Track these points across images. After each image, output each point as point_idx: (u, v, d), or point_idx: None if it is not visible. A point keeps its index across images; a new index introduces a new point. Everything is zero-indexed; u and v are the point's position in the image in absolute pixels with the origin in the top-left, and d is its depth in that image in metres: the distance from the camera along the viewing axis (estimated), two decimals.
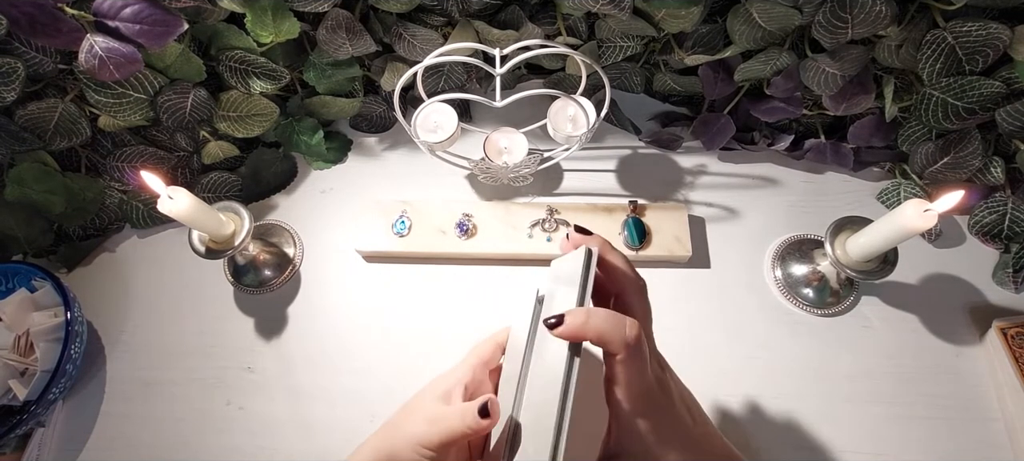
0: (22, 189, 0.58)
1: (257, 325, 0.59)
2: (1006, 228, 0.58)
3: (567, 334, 0.31)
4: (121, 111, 0.55)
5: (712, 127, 0.64)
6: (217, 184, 0.65)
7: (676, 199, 0.63)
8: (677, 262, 0.60)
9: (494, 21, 0.58)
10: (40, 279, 0.56)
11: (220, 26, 0.56)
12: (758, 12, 0.52)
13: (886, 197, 0.62)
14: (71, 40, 0.48)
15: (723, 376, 0.54)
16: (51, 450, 0.54)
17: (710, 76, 0.60)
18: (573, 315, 0.31)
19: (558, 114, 0.57)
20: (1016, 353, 0.51)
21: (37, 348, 0.54)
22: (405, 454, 0.35)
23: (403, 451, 0.35)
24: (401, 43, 0.59)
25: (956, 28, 0.49)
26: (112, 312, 0.61)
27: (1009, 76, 0.50)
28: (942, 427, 0.51)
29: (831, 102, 0.57)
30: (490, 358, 0.41)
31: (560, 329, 0.31)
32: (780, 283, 0.58)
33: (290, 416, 0.55)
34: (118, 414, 0.56)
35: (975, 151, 0.54)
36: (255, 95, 0.59)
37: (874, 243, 0.48)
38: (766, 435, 0.52)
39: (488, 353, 0.41)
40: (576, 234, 0.37)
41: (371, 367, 0.56)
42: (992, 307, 0.56)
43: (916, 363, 0.54)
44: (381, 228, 0.60)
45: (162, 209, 0.49)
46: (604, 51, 0.60)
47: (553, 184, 0.66)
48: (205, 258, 0.54)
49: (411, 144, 0.68)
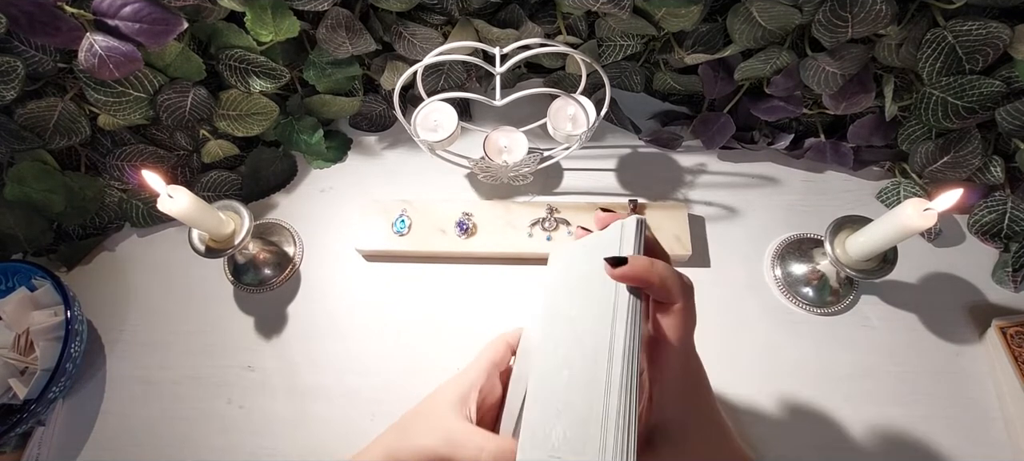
0: (22, 188, 0.58)
1: (257, 324, 0.59)
2: (1006, 227, 0.58)
3: (632, 273, 0.30)
4: (121, 110, 0.55)
5: (712, 126, 0.64)
6: (217, 183, 0.65)
7: (676, 198, 0.64)
8: (677, 261, 0.60)
9: (494, 20, 0.57)
10: (40, 278, 0.56)
11: (220, 25, 0.56)
12: (758, 11, 0.51)
13: (886, 196, 0.62)
14: (71, 39, 0.48)
15: (723, 375, 0.54)
16: (51, 449, 0.54)
17: (710, 75, 0.60)
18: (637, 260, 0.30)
19: (558, 113, 0.57)
20: (1015, 352, 0.51)
21: (37, 347, 0.54)
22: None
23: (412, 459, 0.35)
24: (401, 42, 0.59)
25: (956, 27, 0.49)
26: (112, 311, 0.61)
27: (1009, 75, 0.50)
28: (941, 426, 0.51)
29: (831, 101, 0.57)
30: (501, 360, 0.40)
31: (624, 268, 0.30)
32: (780, 282, 0.58)
33: (290, 415, 0.55)
34: (118, 413, 0.56)
35: (975, 150, 0.54)
36: (255, 94, 0.59)
37: (874, 242, 0.48)
38: (765, 434, 0.52)
39: (500, 355, 0.40)
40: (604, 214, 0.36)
41: (371, 366, 0.56)
42: (992, 306, 0.56)
43: (915, 362, 0.54)
44: (381, 227, 0.60)
45: (162, 208, 0.48)
46: (604, 50, 0.60)
47: (553, 183, 0.66)
48: (205, 257, 0.54)
49: (411, 143, 0.68)
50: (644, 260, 0.30)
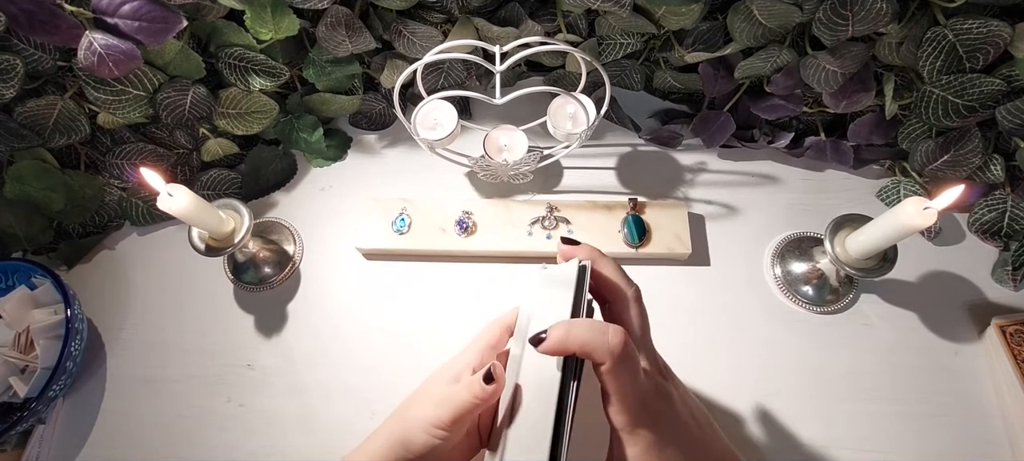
0: (21, 186, 0.58)
1: (257, 322, 0.59)
2: (1005, 226, 0.58)
3: (550, 349, 0.31)
4: (120, 108, 0.55)
5: (712, 125, 0.64)
6: (217, 181, 0.65)
7: (676, 197, 0.63)
8: (677, 260, 0.60)
9: (494, 18, 0.57)
10: (40, 276, 0.56)
11: (219, 23, 0.56)
12: (758, 9, 0.51)
13: (886, 195, 0.62)
14: (70, 37, 0.48)
15: (722, 374, 0.54)
16: (52, 447, 0.54)
17: (710, 73, 0.60)
18: (554, 329, 0.31)
19: (558, 111, 0.57)
20: (1015, 351, 0.51)
21: (37, 345, 0.54)
22: (417, 436, 0.35)
23: (415, 433, 0.35)
24: (401, 40, 0.58)
25: (956, 25, 0.49)
26: (112, 309, 0.61)
27: (1009, 74, 0.50)
28: (941, 424, 0.51)
29: (831, 100, 0.57)
30: (497, 342, 0.41)
31: (544, 346, 0.31)
32: (780, 281, 0.58)
33: (290, 413, 0.55)
34: (118, 411, 0.56)
35: (975, 149, 0.54)
36: (254, 92, 0.59)
37: (874, 241, 0.48)
38: (765, 433, 0.52)
39: (496, 336, 0.41)
40: (565, 246, 0.36)
41: (371, 364, 0.56)
42: (991, 305, 0.56)
43: (915, 360, 0.54)
44: (381, 225, 0.60)
45: (162, 207, 0.48)
46: (604, 48, 0.60)
47: (553, 182, 0.66)
48: (205, 256, 0.54)
49: (411, 141, 0.67)
50: (559, 333, 0.30)
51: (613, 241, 0.59)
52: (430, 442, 0.35)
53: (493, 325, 0.41)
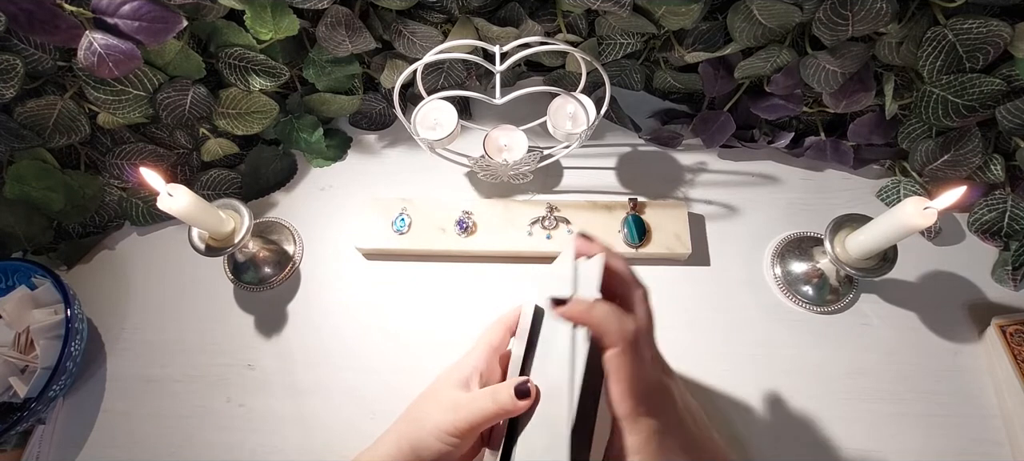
0: (22, 186, 0.58)
1: (257, 322, 0.59)
2: (1005, 226, 0.58)
3: (570, 314, 0.31)
4: (120, 108, 0.55)
5: (712, 124, 0.64)
6: (217, 181, 0.65)
7: (676, 196, 0.63)
8: (677, 260, 0.60)
9: (494, 18, 0.57)
10: (40, 276, 0.56)
11: (219, 23, 0.56)
12: (759, 9, 0.51)
13: (886, 195, 0.62)
14: (70, 37, 0.48)
15: (722, 374, 0.54)
16: (52, 447, 0.54)
17: (710, 73, 0.60)
18: (578, 301, 0.31)
19: (558, 111, 0.57)
20: (1015, 350, 0.51)
21: (37, 345, 0.54)
22: (430, 443, 0.36)
23: (428, 439, 0.36)
24: (401, 40, 0.58)
25: (956, 25, 0.49)
26: (112, 309, 0.61)
27: (1009, 73, 0.50)
28: (940, 424, 0.51)
29: (831, 99, 0.57)
30: (500, 343, 0.41)
31: (564, 308, 0.31)
32: (779, 281, 0.58)
33: (290, 413, 0.55)
34: (118, 411, 0.56)
35: (975, 149, 0.54)
36: (254, 92, 0.59)
37: (874, 240, 0.48)
38: (765, 432, 0.52)
39: (498, 338, 0.41)
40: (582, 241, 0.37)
41: (371, 364, 0.56)
42: (991, 305, 0.56)
43: (915, 360, 0.54)
44: (381, 225, 0.60)
45: (162, 207, 0.48)
46: (604, 48, 0.60)
47: (553, 181, 0.66)
48: (205, 256, 0.54)
49: (411, 141, 0.67)
50: (583, 305, 0.31)
51: (613, 241, 0.59)
52: (443, 449, 0.35)
53: (496, 325, 0.42)
